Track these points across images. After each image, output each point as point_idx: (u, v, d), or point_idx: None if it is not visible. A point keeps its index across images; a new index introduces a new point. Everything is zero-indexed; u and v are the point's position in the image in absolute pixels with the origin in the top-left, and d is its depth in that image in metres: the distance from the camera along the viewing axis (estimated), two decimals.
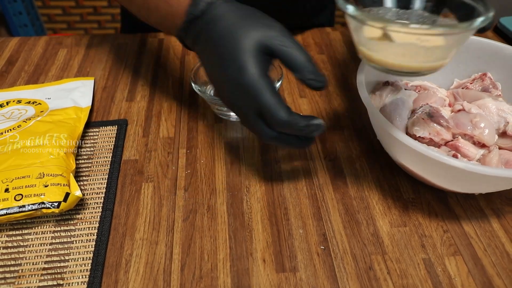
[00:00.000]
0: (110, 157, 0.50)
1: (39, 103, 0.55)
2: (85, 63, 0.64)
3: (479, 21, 0.32)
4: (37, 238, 0.42)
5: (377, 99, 0.49)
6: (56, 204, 0.41)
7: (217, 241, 0.42)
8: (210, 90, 0.54)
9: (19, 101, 0.55)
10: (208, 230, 0.43)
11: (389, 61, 0.36)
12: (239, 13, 0.40)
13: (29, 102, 0.55)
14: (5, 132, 0.49)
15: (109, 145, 0.51)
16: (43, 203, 0.41)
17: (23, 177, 0.43)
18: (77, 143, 0.50)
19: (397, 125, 0.45)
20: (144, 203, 0.45)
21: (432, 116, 0.44)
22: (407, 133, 0.45)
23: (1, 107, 0.54)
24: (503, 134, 0.45)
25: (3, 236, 0.42)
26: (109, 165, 0.49)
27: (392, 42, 0.34)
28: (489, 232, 0.44)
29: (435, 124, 0.44)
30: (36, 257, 0.40)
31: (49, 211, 0.41)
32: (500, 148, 0.44)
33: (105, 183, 0.47)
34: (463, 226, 0.44)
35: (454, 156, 0.42)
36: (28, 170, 0.43)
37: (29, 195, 0.41)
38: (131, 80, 0.61)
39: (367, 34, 0.36)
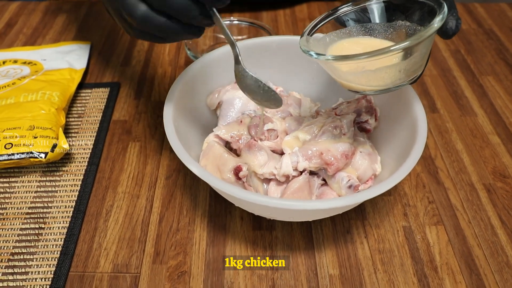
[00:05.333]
0: (100, 116, 0.56)
1: (35, 64, 0.61)
2: (84, 28, 0.71)
3: (436, 21, 0.35)
4: (23, 186, 0.48)
5: (215, 95, 0.50)
6: (43, 154, 0.48)
7: (198, 199, 0.48)
8: None
9: (15, 61, 0.62)
10: (190, 188, 0.49)
11: (373, 86, 0.39)
12: None
13: (24, 63, 0.62)
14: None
15: (100, 106, 0.57)
16: (31, 152, 0.47)
17: (14, 128, 0.49)
18: (69, 102, 0.56)
19: (220, 123, 0.48)
20: (130, 160, 0.51)
21: (253, 122, 0.46)
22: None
23: None
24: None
25: None
26: (98, 124, 0.55)
27: (369, 70, 0.37)
28: (476, 206, 0.48)
29: (245, 129, 0.46)
30: (20, 203, 0.47)
31: (36, 160, 0.47)
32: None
33: (93, 140, 0.53)
34: (450, 199, 0.48)
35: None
36: (19, 122, 0.50)
37: (19, 145, 0.48)
38: (128, 46, 0.67)
39: (343, 69, 0.38)
